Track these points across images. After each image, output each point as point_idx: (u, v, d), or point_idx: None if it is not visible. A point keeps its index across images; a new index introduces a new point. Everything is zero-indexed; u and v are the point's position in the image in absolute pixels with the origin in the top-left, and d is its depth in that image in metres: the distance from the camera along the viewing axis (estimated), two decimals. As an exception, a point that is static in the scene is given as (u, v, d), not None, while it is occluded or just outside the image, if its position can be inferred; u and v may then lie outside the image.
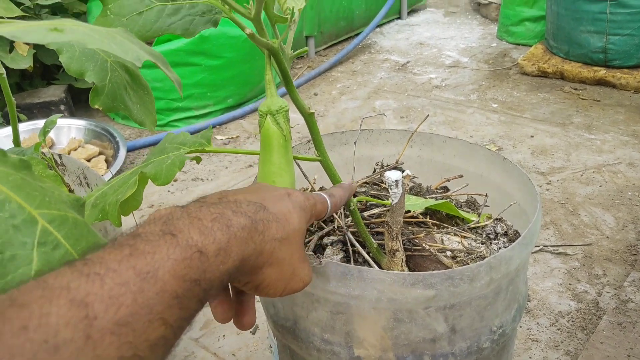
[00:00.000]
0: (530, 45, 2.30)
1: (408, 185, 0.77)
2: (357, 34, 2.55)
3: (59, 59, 0.57)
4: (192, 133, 1.77)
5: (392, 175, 0.56)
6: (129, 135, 1.77)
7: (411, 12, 2.99)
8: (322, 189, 0.74)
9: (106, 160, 1.52)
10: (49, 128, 0.73)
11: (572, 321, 0.92)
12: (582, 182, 1.34)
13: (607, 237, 1.13)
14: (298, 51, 0.59)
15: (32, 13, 1.64)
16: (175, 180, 1.48)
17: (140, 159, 1.64)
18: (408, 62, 2.30)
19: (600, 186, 1.31)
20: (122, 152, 1.49)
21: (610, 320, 0.85)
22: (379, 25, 2.73)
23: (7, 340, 0.24)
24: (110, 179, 0.61)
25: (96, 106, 0.59)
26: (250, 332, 0.95)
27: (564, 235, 1.14)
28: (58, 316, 0.25)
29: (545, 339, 0.89)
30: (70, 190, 0.80)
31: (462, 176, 0.76)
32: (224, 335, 0.94)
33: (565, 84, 1.94)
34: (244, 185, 1.44)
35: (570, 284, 1.00)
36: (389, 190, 0.57)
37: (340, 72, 2.23)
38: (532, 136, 1.60)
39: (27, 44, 1.68)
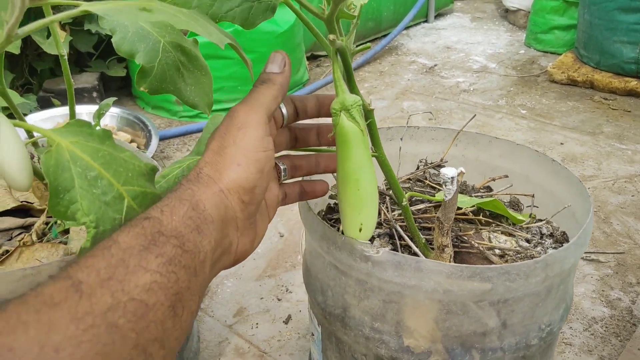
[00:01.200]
0: (559, 54, 2.29)
1: (460, 182, 0.78)
2: (384, 36, 2.55)
3: (112, 39, 0.56)
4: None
5: (449, 172, 0.57)
6: (158, 125, 1.79)
7: (438, 16, 2.99)
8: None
9: (138, 147, 1.53)
10: (104, 111, 0.74)
11: (606, 327, 0.92)
12: (613, 191, 1.33)
13: (640, 246, 1.13)
14: (361, 47, 0.60)
15: None
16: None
17: (170, 149, 1.66)
18: (435, 65, 2.31)
19: (632, 196, 1.31)
20: (154, 141, 1.51)
21: (646, 327, 0.85)
22: (406, 28, 2.73)
23: (11, 308, 0.28)
24: (174, 163, 0.62)
25: (142, 88, 0.58)
26: (284, 321, 0.97)
27: (596, 243, 1.14)
28: (50, 289, 0.29)
29: (579, 344, 0.89)
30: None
31: (507, 176, 0.76)
32: (257, 324, 0.96)
33: (595, 94, 1.93)
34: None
35: (603, 291, 1.00)
36: (444, 186, 0.58)
37: (368, 72, 2.24)
38: (561, 143, 1.60)
39: (65, 30, 1.70)
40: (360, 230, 0.51)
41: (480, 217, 0.68)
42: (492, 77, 2.16)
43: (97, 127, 0.75)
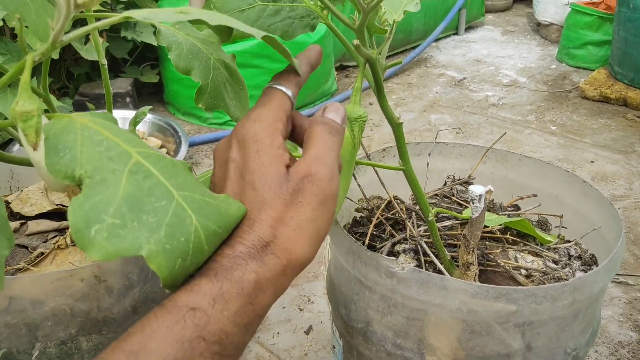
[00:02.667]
0: (592, 69, 2.26)
1: (488, 200, 0.77)
2: (413, 47, 2.55)
3: (169, 56, 0.59)
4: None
5: (477, 190, 0.57)
6: (188, 131, 1.83)
7: (468, 28, 2.98)
8: (395, 198, 0.75)
9: (168, 153, 1.57)
10: (140, 119, 0.76)
11: (633, 352, 0.90)
12: (645, 212, 1.31)
13: (672, 270, 1.10)
14: (393, 62, 0.61)
15: (109, 8, 1.72)
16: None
17: (199, 155, 1.69)
18: (464, 78, 2.29)
19: (665, 218, 1.28)
20: (184, 147, 1.54)
21: (677, 355, 0.83)
22: (436, 40, 2.72)
23: None
24: (200, 176, 0.63)
25: (200, 105, 0.61)
26: (305, 332, 0.97)
27: (625, 265, 1.11)
28: None
29: (604, 368, 0.87)
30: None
31: (536, 195, 0.76)
32: (278, 333, 0.96)
33: (628, 111, 1.89)
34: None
35: (631, 315, 0.98)
36: (471, 204, 0.58)
37: (396, 83, 2.24)
38: (592, 161, 1.57)
39: (102, 37, 1.75)
40: None
41: (507, 235, 0.68)
42: (522, 91, 2.14)
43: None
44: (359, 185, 0.75)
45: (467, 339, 0.55)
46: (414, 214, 0.73)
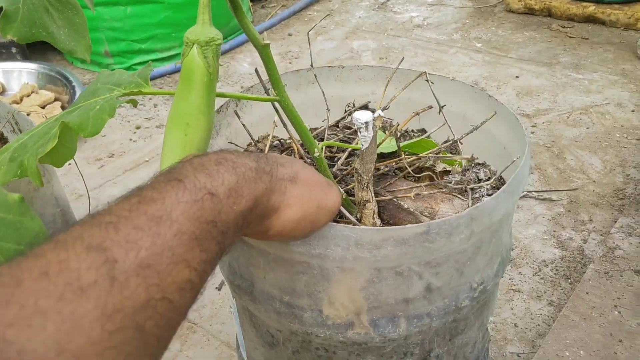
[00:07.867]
0: (517, -19, 2.18)
1: (379, 127, 0.69)
2: (334, -30, 2.39)
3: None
4: (156, 77, 1.63)
5: (362, 117, 0.48)
6: (88, 80, 1.65)
7: (392, -54, 2.82)
8: (290, 138, 0.66)
9: (62, 107, 1.41)
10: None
11: (556, 270, 0.87)
12: (568, 124, 1.27)
13: (594, 181, 1.07)
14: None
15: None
16: (139, 128, 1.38)
17: (102, 106, 1.53)
18: (388, 0, 2.17)
19: (588, 128, 1.25)
20: (79, 98, 1.38)
21: (597, 268, 0.80)
22: (358, -39, 2.56)
23: (29, 285, 0.23)
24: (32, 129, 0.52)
25: (9, 36, 0.50)
26: (216, 288, 0.89)
27: (549, 180, 1.08)
28: (78, 261, 0.24)
29: (527, 289, 0.84)
30: (2, 136, 0.71)
31: (431, 107, 0.67)
32: (188, 293, 0.88)
33: (553, 22, 1.84)
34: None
35: (554, 231, 0.95)
36: (358, 133, 0.49)
37: (317, 11, 2.10)
38: (517, 77, 1.52)
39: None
40: None
41: (402, 163, 0.60)
42: (447, 10, 2.05)
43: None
44: (243, 125, 0.65)
45: (360, 288, 0.48)
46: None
